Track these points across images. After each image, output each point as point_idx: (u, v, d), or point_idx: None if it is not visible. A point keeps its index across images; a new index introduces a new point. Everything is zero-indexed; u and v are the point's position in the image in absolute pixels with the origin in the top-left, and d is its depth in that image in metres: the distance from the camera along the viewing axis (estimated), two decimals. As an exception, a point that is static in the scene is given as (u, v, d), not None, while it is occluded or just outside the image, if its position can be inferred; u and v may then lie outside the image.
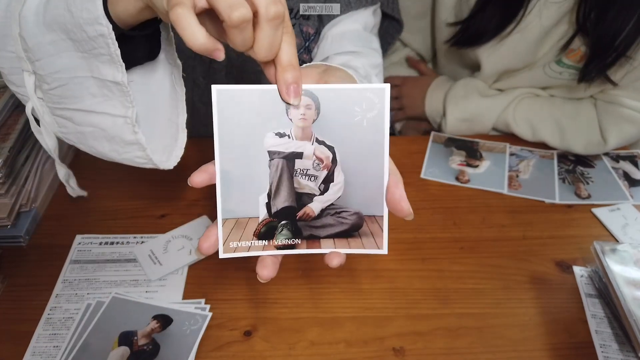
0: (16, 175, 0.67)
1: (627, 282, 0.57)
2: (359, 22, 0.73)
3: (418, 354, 0.55)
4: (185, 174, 0.79)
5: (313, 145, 0.39)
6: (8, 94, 0.70)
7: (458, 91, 0.91)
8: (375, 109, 0.38)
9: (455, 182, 0.78)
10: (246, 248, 0.40)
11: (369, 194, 0.39)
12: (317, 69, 0.45)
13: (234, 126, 0.38)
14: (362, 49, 0.70)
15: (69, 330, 0.55)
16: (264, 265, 0.39)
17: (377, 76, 0.69)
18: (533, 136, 0.87)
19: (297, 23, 0.72)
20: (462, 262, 0.66)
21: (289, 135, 0.39)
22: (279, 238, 0.40)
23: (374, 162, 0.39)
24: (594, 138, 0.82)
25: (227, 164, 0.38)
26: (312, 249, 0.41)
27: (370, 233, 0.40)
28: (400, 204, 0.38)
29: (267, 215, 0.40)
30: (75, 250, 0.65)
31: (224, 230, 0.39)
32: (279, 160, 0.39)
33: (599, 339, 0.57)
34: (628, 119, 0.80)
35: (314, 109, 0.38)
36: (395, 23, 0.87)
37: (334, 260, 0.40)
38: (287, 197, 0.40)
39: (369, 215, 0.40)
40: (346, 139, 0.38)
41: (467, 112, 0.89)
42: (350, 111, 0.38)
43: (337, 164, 0.39)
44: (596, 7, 0.72)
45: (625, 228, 0.71)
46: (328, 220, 0.40)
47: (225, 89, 0.37)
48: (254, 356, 0.55)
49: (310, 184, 0.40)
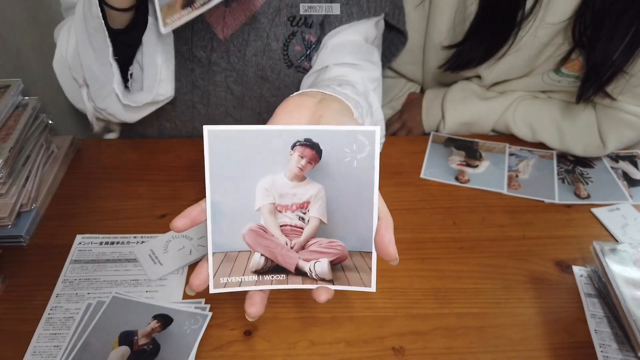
0: (17, 175, 0.67)
1: (626, 282, 0.57)
2: (360, 33, 0.73)
3: (418, 353, 0.55)
4: (185, 174, 0.80)
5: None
6: (8, 94, 0.70)
7: (455, 95, 0.91)
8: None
9: (455, 182, 0.79)
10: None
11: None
12: (313, 99, 0.45)
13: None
14: (361, 61, 0.70)
15: (70, 330, 0.55)
16: (252, 304, 0.39)
17: (375, 90, 0.69)
18: (533, 137, 0.87)
19: (299, 31, 0.72)
20: (462, 262, 0.66)
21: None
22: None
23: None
24: (594, 141, 0.82)
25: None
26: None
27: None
28: (388, 248, 0.38)
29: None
30: (76, 250, 0.65)
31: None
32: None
33: (599, 338, 0.57)
34: (627, 124, 0.80)
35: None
36: (400, 35, 0.86)
37: (322, 296, 0.39)
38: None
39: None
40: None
41: (466, 116, 0.89)
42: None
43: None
44: (591, 25, 0.72)
45: (624, 228, 0.71)
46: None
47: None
48: (254, 356, 0.55)
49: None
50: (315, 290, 0.40)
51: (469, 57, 0.81)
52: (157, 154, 0.82)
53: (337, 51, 0.70)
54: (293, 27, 0.72)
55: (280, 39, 0.72)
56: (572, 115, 0.84)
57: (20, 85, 0.73)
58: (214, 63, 0.74)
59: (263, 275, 0.40)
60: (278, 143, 0.38)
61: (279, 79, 0.76)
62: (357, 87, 0.61)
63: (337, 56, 0.70)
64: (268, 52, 0.72)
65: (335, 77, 0.65)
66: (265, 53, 0.73)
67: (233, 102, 0.80)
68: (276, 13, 0.71)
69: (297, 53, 0.73)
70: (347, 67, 0.68)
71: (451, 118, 0.90)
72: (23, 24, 1.00)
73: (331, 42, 0.72)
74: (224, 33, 0.72)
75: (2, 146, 0.65)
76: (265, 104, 0.81)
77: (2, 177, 0.64)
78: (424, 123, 0.96)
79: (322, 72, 0.69)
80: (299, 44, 0.73)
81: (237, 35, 0.72)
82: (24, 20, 1.00)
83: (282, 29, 0.71)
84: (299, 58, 0.74)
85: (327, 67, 0.69)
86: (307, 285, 0.40)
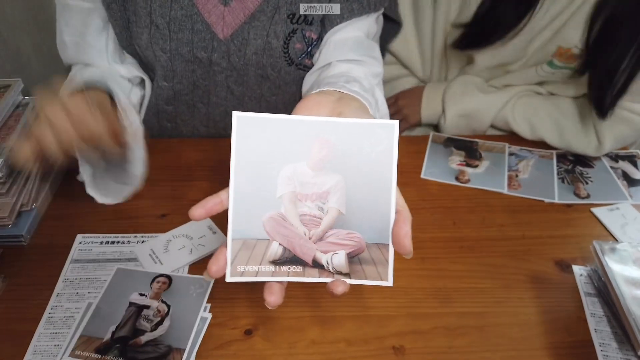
0: (17, 175, 0.67)
1: (626, 281, 0.57)
2: (361, 29, 0.74)
3: (418, 352, 0.55)
4: (185, 174, 0.80)
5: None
6: (8, 94, 0.70)
7: (456, 88, 0.92)
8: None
9: (455, 182, 0.79)
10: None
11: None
12: (332, 97, 0.46)
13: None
14: (363, 57, 0.70)
15: (70, 329, 0.55)
16: (272, 292, 0.39)
17: (379, 86, 0.70)
18: (532, 134, 0.87)
19: (299, 28, 0.72)
20: (462, 262, 0.66)
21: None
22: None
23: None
24: (591, 140, 0.83)
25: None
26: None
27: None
28: (404, 240, 0.38)
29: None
30: (76, 250, 0.65)
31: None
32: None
33: (599, 337, 0.57)
34: (623, 120, 0.80)
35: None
36: (390, 25, 0.87)
37: (339, 287, 0.39)
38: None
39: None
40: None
41: (466, 108, 0.90)
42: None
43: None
44: (603, 28, 0.73)
45: (624, 227, 0.71)
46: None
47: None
48: (254, 355, 0.55)
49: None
50: (331, 282, 0.39)
51: (488, 30, 0.81)
52: (157, 154, 0.81)
53: (340, 48, 0.71)
54: (293, 25, 0.72)
55: (281, 36, 0.72)
56: (571, 112, 0.85)
57: (21, 85, 0.73)
58: (215, 63, 0.74)
59: (280, 265, 0.40)
60: (301, 133, 0.39)
61: (280, 77, 0.76)
62: (363, 83, 0.61)
63: (340, 53, 0.70)
64: (268, 50, 0.73)
65: (340, 73, 0.65)
66: (265, 51, 0.73)
67: (233, 102, 0.81)
68: (275, 11, 0.71)
69: (297, 50, 0.73)
70: (351, 63, 0.69)
71: (451, 110, 0.90)
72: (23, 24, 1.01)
73: (333, 38, 0.72)
74: (224, 33, 0.72)
75: (3, 146, 0.65)
76: (265, 103, 0.81)
77: (3, 177, 0.64)
78: (423, 114, 0.96)
79: (326, 69, 0.70)
80: (300, 41, 0.73)
81: (237, 35, 0.72)
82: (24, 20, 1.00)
83: (282, 27, 0.72)
84: (299, 55, 0.74)
85: (330, 64, 0.70)
86: (323, 279, 0.40)
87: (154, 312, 0.56)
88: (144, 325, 0.55)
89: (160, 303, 0.57)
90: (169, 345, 0.53)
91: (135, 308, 0.57)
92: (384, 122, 0.39)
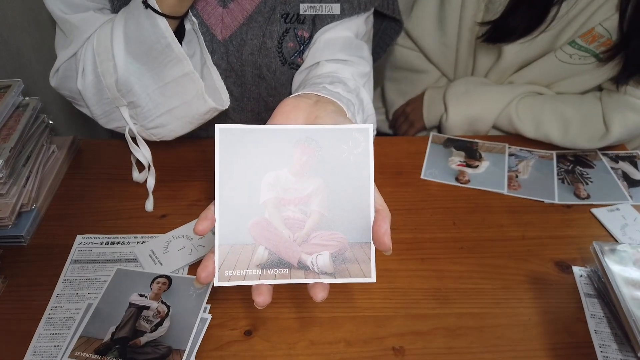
0: (17, 176, 0.67)
1: (626, 282, 0.57)
2: (351, 29, 0.74)
3: (418, 353, 0.55)
4: (185, 174, 0.80)
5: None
6: (9, 94, 0.70)
7: (459, 88, 0.92)
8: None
9: (455, 183, 0.79)
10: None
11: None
12: (309, 100, 0.47)
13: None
14: (351, 57, 0.71)
15: (70, 330, 0.55)
16: (260, 293, 0.40)
17: (365, 86, 0.70)
18: (536, 131, 0.86)
19: (292, 27, 0.73)
20: (462, 262, 0.66)
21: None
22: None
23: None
24: (598, 129, 0.82)
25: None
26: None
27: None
28: (384, 238, 0.40)
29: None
30: (76, 250, 0.65)
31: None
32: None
33: (598, 338, 0.57)
34: (633, 108, 0.80)
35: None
36: (394, 24, 0.87)
37: (319, 294, 0.40)
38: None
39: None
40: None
41: (469, 108, 0.90)
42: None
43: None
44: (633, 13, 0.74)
45: (624, 228, 0.71)
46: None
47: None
48: (254, 356, 0.55)
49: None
50: (311, 289, 0.40)
51: (509, 28, 0.81)
52: (158, 154, 0.81)
53: (329, 47, 0.71)
54: (287, 24, 0.72)
55: (275, 36, 0.72)
56: (576, 103, 0.85)
57: (21, 85, 0.73)
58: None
59: (266, 269, 0.41)
60: (282, 141, 0.41)
61: (275, 78, 0.76)
62: (349, 84, 0.62)
63: (329, 52, 0.71)
64: (264, 51, 0.73)
65: (327, 73, 0.66)
66: (261, 51, 0.73)
67: (232, 103, 0.80)
68: (272, 11, 0.71)
69: (290, 50, 0.74)
70: (338, 63, 0.69)
71: (454, 110, 0.90)
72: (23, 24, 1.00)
73: (323, 38, 0.72)
74: (223, 34, 0.72)
75: (3, 146, 0.65)
76: (263, 103, 0.81)
77: (3, 177, 0.64)
78: (425, 118, 0.96)
79: (314, 69, 0.70)
80: (292, 40, 0.73)
81: (235, 36, 0.72)
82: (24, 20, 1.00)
83: (277, 27, 0.72)
84: (292, 55, 0.74)
85: (318, 63, 0.70)
86: (309, 280, 0.41)
87: (154, 312, 0.56)
88: (143, 326, 0.55)
89: (160, 304, 0.57)
90: (169, 346, 0.53)
91: (135, 309, 0.57)
92: (359, 126, 0.41)
